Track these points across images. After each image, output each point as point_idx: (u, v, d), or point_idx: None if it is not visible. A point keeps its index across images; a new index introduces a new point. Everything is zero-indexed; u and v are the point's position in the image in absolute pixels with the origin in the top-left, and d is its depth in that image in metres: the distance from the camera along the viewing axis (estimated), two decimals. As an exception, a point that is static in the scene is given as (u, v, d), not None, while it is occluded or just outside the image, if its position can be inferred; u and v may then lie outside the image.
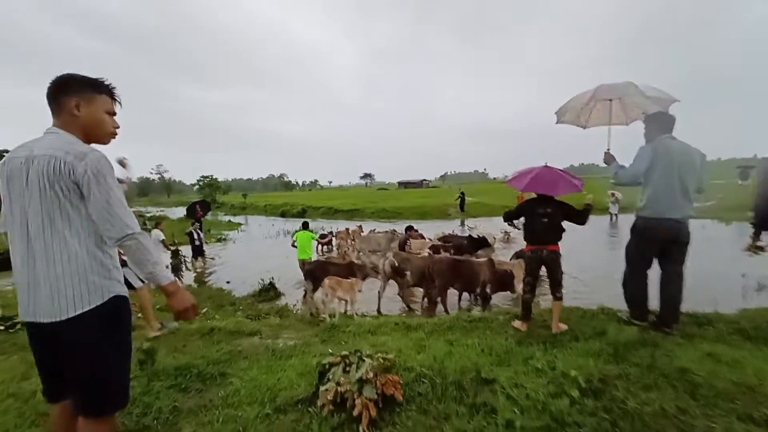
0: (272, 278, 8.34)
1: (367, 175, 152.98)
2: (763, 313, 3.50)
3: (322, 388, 2.27)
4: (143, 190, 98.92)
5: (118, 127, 1.56)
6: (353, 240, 13.37)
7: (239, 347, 3.35)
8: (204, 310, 6.72)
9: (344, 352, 2.55)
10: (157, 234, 8.39)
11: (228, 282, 9.54)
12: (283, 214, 31.35)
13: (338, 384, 2.22)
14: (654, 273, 3.17)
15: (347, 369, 2.37)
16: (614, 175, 3.36)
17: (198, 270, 11.05)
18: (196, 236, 11.28)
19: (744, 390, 1.99)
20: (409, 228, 8.45)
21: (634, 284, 3.22)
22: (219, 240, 17.62)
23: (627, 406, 1.92)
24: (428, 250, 7.54)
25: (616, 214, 17.25)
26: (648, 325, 3.10)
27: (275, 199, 45.19)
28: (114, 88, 1.53)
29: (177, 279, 9.22)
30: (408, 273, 6.49)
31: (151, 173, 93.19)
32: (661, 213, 3.07)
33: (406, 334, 3.39)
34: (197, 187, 48.47)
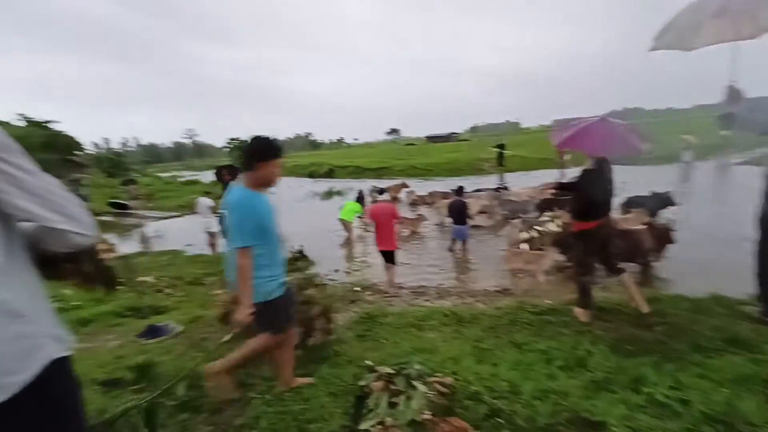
0: (302, 246, 7.96)
1: (393, 131, 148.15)
2: None
3: (362, 427, 1.73)
4: (177, 155, 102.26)
5: None
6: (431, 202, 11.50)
7: (263, 343, 2.89)
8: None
9: (387, 370, 1.98)
10: (207, 201, 8.66)
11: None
12: (311, 175, 31.04)
13: (383, 425, 1.66)
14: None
15: (393, 398, 1.80)
16: (743, 119, 2.41)
17: None
18: None
19: None
20: (461, 189, 7.58)
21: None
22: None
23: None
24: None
25: (688, 162, 14.33)
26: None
27: (302, 160, 44.84)
28: None
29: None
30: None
31: (183, 138, 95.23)
32: None
33: (458, 332, 2.77)
34: (227, 149, 48.99)
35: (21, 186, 0.78)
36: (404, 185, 14.14)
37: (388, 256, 5.59)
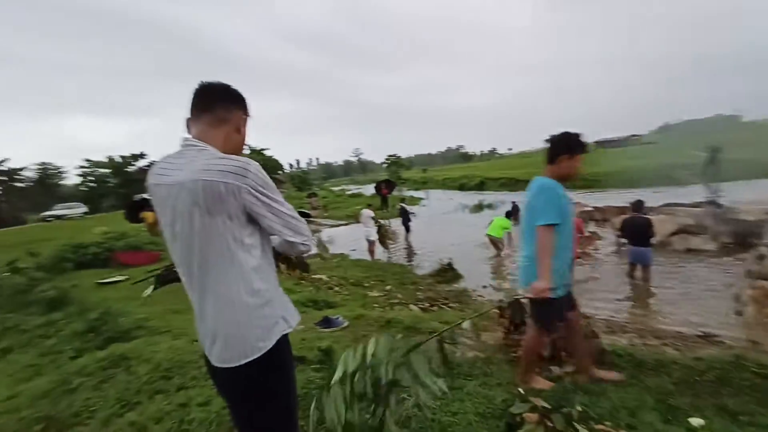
0: (450, 258, 8.09)
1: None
2: None
3: (512, 457, 1.66)
4: (346, 171, 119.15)
5: None
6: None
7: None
8: (388, 288, 7.10)
9: (542, 403, 1.84)
10: (368, 213, 9.92)
11: (410, 260, 9.94)
12: (461, 187, 31.17)
13: (537, 462, 1.55)
14: None
15: (550, 436, 1.66)
16: None
17: (407, 244, 11.76)
18: (403, 211, 12.20)
19: None
20: (639, 204, 6.23)
21: None
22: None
23: None
24: None
25: None
26: None
27: (453, 172, 45.49)
28: None
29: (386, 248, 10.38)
30: None
31: (351, 156, 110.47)
32: None
33: (636, 378, 2.32)
34: (385, 165, 54.10)
35: (274, 212, 1.13)
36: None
37: None
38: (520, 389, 2.05)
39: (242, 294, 1.10)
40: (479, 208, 18.06)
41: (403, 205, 12.32)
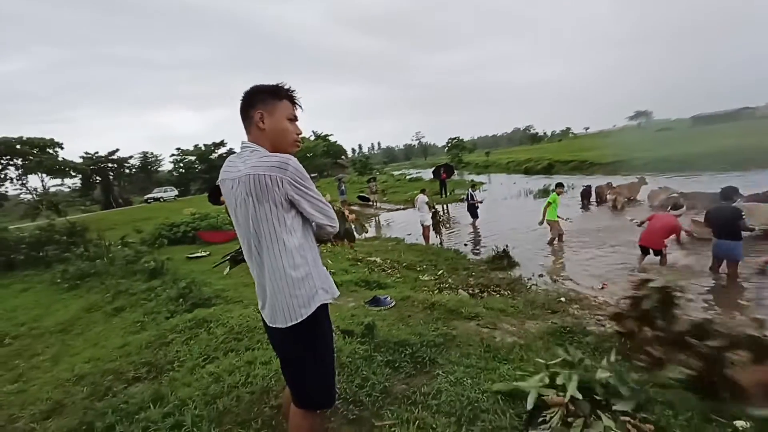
0: (506, 246, 7.89)
1: (640, 114, 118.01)
2: None
3: (532, 435, 1.74)
4: (407, 155, 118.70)
5: (300, 134, 1.50)
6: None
7: (455, 331, 3.21)
8: (440, 272, 7.20)
9: (570, 393, 1.87)
10: (423, 198, 9.96)
11: (465, 245, 9.85)
12: (526, 171, 29.48)
13: (554, 441, 1.63)
14: None
15: (569, 420, 1.71)
16: None
17: (472, 230, 11.58)
18: (469, 198, 12.09)
19: None
20: (730, 191, 5.42)
21: None
22: (462, 200, 18.48)
23: None
24: None
25: None
26: None
27: (519, 155, 42.91)
28: (294, 91, 1.47)
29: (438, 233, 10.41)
30: None
31: (412, 140, 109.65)
32: None
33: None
34: (446, 148, 52.89)
35: (308, 199, 1.36)
36: (642, 182, 11.40)
37: (647, 252, 5.97)
38: (550, 370, 2.08)
39: (287, 268, 1.35)
40: (544, 193, 16.95)
41: (471, 191, 12.12)
